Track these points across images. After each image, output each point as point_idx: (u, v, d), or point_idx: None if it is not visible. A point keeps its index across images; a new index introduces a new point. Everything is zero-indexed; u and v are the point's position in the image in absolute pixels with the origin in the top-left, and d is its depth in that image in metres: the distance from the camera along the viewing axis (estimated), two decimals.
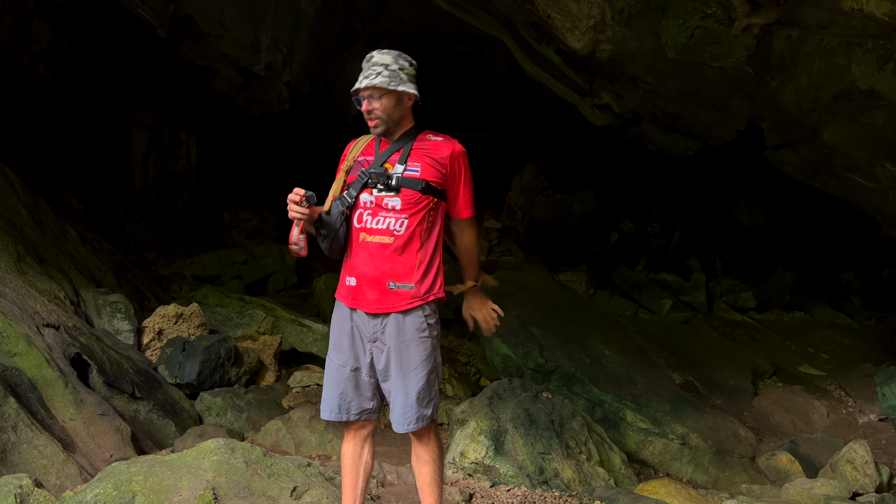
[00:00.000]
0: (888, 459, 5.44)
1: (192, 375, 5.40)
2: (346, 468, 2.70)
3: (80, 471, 3.66)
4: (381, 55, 2.55)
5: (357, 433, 2.69)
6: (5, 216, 5.96)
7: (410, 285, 2.54)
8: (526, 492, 3.81)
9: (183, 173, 11.76)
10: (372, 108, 2.53)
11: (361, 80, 2.52)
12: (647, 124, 7.58)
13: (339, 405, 2.62)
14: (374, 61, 2.54)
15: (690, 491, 4.15)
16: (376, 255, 2.53)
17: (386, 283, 2.53)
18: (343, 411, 2.62)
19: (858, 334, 8.78)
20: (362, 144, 2.70)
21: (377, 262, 2.53)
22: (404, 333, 2.53)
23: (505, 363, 6.03)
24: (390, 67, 2.52)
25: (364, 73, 2.54)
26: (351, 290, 2.60)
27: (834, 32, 4.39)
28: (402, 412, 2.55)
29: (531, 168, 12.99)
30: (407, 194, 2.52)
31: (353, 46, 10.13)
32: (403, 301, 2.53)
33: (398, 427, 2.57)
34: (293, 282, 9.69)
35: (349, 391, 2.61)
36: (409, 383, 2.54)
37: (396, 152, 2.58)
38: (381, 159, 2.58)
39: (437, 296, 2.63)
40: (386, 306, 2.53)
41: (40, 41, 8.27)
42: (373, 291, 2.54)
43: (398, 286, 2.53)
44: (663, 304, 9.65)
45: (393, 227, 2.52)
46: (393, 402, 2.58)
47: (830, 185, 6.16)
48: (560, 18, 5.65)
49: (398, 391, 2.55)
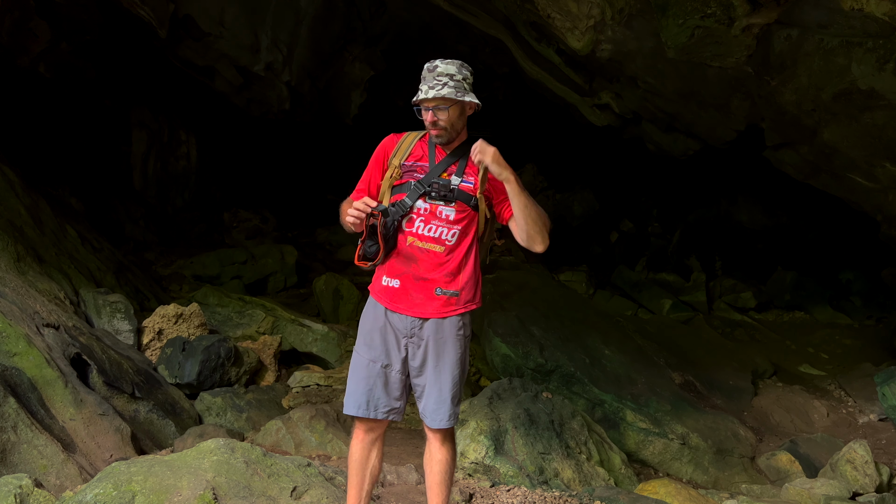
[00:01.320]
0: (888, 459, 5.45)
1: (192, 375, 5.40)
2: (354, 468, 2.66)
3: (79, 471, 3.66)
4: (445, 65, 2.52)
5: (369, 434, 2.66)
6: (5, 216, 5.96)
7: (457, 292, 2.59)
8: (526, 492, 3.80)
9: (183, 173, 11.76)
10: (437, 118, 2.51)
11: (428, 91, 2.48)
12: (647, 124, 7.59)
13: (368, 401, 2.60)
14: (438, 71, 2.51)
15: (690, 491, 4.15)
16: (425, 262, 2.56)
17: (433, 289, 2.57)
18: (371, 408, 2.60)
19: (858, 334, 8.78)
20: (409, 146, 2.65)
21: (426, 268, 2.56)
22: (443, 331, 2.58)
23: (505, 363, 6.04)
24: (455, 77, 2.51)
25: (429, 83, 2.50)
26: (392, 291, 2.60)
27: (834, 32, 4.39)
28: (436, 408, 2.58)
29: (531, 168, 12.99)
30: (461, 206, 2.55)
31: (353, 46, 10.13)
32: (448, 307, 2.58)
33: (431, 422, 2.60)
34: (293, 282, 9.68)
35: (378, 388, 2.60)
36: (443, 380, 2.58)
37: (454, 163, 2.59)
38: (439, 169, 2.58)
39: (477, 305, 2.68)
40: (430, 311, 2.57)
41: (40, 41, 8.28)
42: (419, 295, 2.57)
43: (444, 292, 2.57)
44: (663, 304, 9.65)
45: (445, 237, 2.56)
46: (426, 398, 2.60)
47: (830, 185, 6.17)
48: (560, 18, 5.65)
49: (433, 387, 2.58)
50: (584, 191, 12.40)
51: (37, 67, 8.58)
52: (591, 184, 12.49)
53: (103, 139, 10.83)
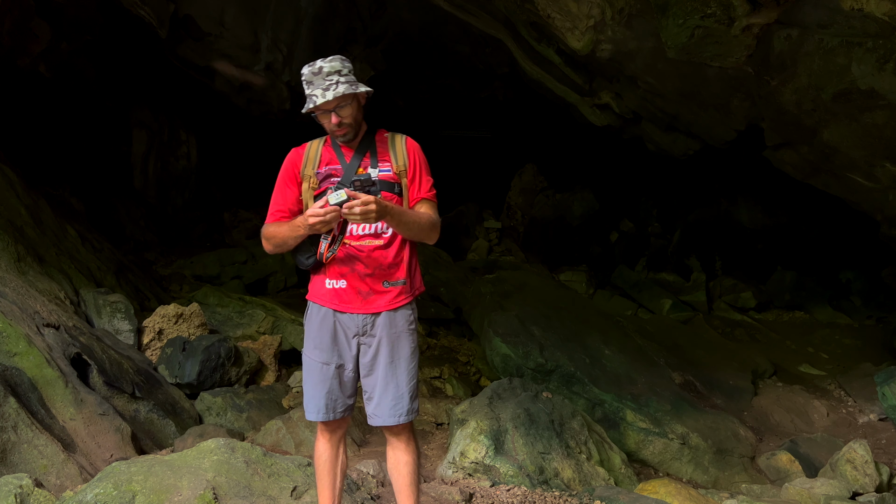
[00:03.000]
0: (888, 459, 5.45)
1: (192, 375, 5.40)
2: (324, 469, 2.66)
3: (80, 471, 3.66)
4: (329, 63, 2.46)
5: (334, 433, 2.67)
6: (5, 216, 5.97)
7: (403, 281, 2.59)
8: (526, 491, 3.81)
9: (183, 173, 11.77)
10: (342, 118, 2.48)
11: (324, 94, 2.42)
12: (647, 124, 7.59)
13: (327, 404, 2.60)
14: (325, 71, 2.44)
15: (690, 491, 4.15)
16: (368, 258, 2.54)
17: (380, 283, 2.56)
18: (330, 410, 2.60)
19: (858, 334, 8.78)
20: (316, 154, 2.60)
21: (370, 264, 2.54)
22: (396, 326, 2.58)
23: (505, 363, 6.03)
24: (343, 73, 2.47)
25: (321, 87, 2.44)
26: (338, 293, 2.57)
27: (834, 32, 4.39)
28: (394, 403, 2.56)
29: (531, 168, 12.99)
30: (387, 196, 2.52)
31: (353, 46, 10.13)
32: (399, 298, 2.58)
33: (390, 418, 2.57)
34: (293, 282, 9.69)
35: (335, 389, 2.60)
36: (399, 375, 2.57)
37: (365, 156, 2.57)
38: (353, 166, 2.55)
39: (420, 290, 2.71)
40: (381, 305, 2.56)
41: (40, 41, 8.27)
42: (366, 292, 2.55)
43: (392, 284, 2.57)
44: (663, 303, 9.65)
45: (381, 230, 2.54)
46: (381, 396, 2.58)
47: (830, 185, 6.17)
48: (560, 18, 5.65)
49: (388, 383, 2.57)
50: (583, 191, 12.40)
51: (37, 67, 8.58)
52: (590, 184, 12.49)
53: (103, 139, 10.83)
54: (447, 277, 8.87)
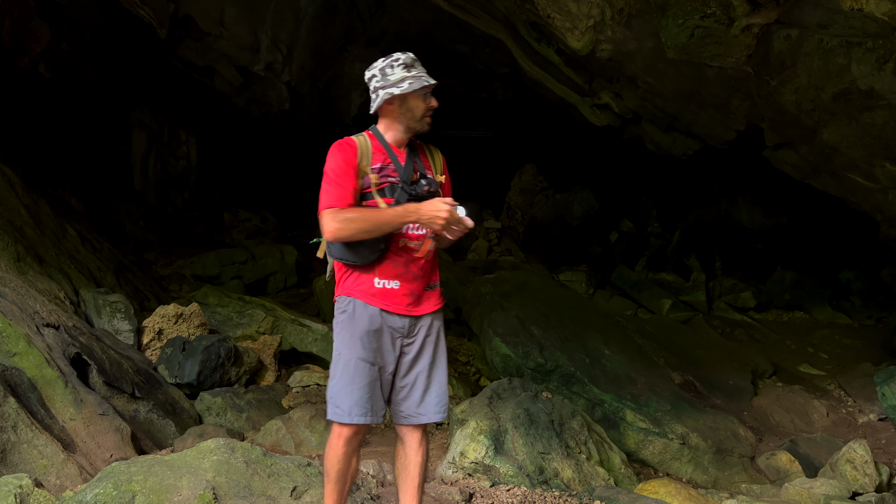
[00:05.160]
0: (888, 459, 5.45)
1: (192, 375, 5.40)
2: (338, 473, 2.53)
3: (80, 471, 3.66)
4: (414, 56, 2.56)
5: (356, 437, 2.55)
6: (5, 216, 5.97)
7: (439, 284, 2.70)
8: (526, 491, 3.81)
9: (183, 173, 11.77)
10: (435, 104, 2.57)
11: (428, 78, 2.51)
12: (647, 124, 7.59)
13: (373, 406, 2.50)
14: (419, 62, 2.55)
15: (690, 490, 4.15)
16: (416, 260, 2.57)
17: (425, 286, 2.62)
18: (375, 413, 2.52)
19: (858, 334, 8.78)
20: (368, 150, 2.53)
21: (418, 267, 2.58)
22: (436, 327, 2.67)
23: (505, 363, 6.03)
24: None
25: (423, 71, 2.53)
26: (390, 293, 2.53)
27: (834, 32, 4.39)
28: (438, 401, 2.64)
29: (531, 168, 13.00)
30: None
31: (353, 46, 10.13)
32: (440, 300, 2.69)
33: (435, 416, 2.63)
34: (293, 282, 9.70)
35: (377, 392, 2.54)
36: (440, 373, 2.68)
37: (414, 160, 2.60)
38: (408, 168, 2.55)
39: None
40: (428, 307, 2.63)
41: (40, 41, 8.28)
42: (417, 294, 2.59)
43: (432, 287, 2.66)
44: (663, 303, 9.65)
45: (425, 232, 2.56)
46: (425, 394, 2.62)
47: (830, 185, 6.17)
48: (560, 18, 5.65)
49: (432, 381, 2.64)
50: (583, 191, 12.40)
51: (37, 67, 8.58)
52: (590, 184, 12.49)
53: (103, 139, 10.84)
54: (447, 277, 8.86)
